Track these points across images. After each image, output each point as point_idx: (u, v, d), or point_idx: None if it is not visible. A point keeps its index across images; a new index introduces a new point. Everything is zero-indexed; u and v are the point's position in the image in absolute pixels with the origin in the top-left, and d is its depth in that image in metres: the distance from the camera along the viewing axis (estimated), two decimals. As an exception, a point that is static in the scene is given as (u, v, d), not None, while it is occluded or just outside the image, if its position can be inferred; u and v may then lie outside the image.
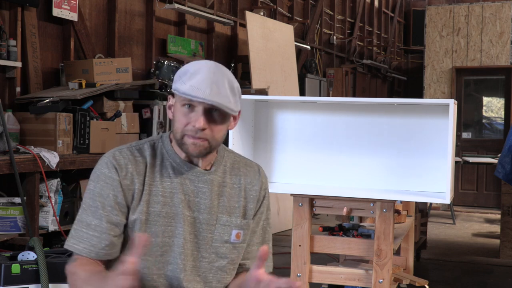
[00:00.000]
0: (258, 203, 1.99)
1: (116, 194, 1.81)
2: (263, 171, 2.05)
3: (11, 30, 4.81)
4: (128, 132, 5.22)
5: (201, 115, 1.77)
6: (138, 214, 1.82)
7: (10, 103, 4.79)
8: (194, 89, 1.75)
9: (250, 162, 2.03)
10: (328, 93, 9.82)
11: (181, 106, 1.80)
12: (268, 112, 3.63)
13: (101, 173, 1.83)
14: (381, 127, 3.46)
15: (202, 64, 1.82)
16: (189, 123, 1.78)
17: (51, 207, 4.44)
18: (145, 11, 6.44)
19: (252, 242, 1.99)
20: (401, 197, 3.32)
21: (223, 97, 1.77)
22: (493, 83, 10.64)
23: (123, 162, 1.83)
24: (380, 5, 12.54)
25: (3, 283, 2.80)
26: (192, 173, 1.87)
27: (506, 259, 5.83)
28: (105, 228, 1.80)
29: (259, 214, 1.99)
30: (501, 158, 5.25)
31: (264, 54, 7.27)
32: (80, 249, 1.81)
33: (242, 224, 1.93)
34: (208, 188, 1.88)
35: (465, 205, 9.84)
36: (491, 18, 10.13)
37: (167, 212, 1.84)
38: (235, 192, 1.94)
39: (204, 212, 1.87)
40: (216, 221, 1.88)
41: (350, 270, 3.35)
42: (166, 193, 1.85)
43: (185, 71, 1.81)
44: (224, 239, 1.89)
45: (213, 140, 1.82)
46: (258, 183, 1.99)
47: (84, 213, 1.83)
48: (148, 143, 1.90)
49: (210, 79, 1.77)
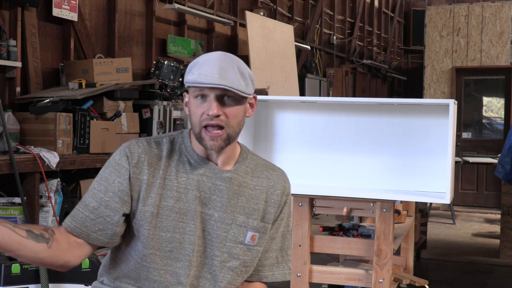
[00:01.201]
0: (279, 208, 1.95)
1: (121, 181, 1.80)
2: (287, 176, 2.02)
3: (11, 30, 4.81)
4: (128, 132, 5.22)
5: (214, 101, 1.77)
6: (150, 207, 1.80)
7: (10, 103, 4.79)
8: (202, 76, 1.76)
9: (274, 166, 2.01)
10: (328, 93, 9.82)
11: (194, 98, 1.80)
12: (268, 112, 3.63)
13: (113, 159, 1.84)
14: (381, 127, 3.46)
15: (211, 54, 1.83)
16: (203, 113, 1.78)
17: (51, 207, 4.44)
18: (145, 11, 6.44)
19: (270, 249, 1.96)
20: (401, 197, 3.32)
21: (233, 80, 1.77)
22: (493, 83, 10.64)
23: (136, 151, 1.83)
24: (380, 5, 12.54)
25: (3, 283, 2.80)
26: (210, 170, 1.85)
27: (506, 259, 5.83)
28: (101, 212, 1.79)
29: (279, 220, 1.96)
30: (501, 158, 5.25)
31: (264, 54, 7.27)
32: (72, 227, 1.80)
33: (259, 227, 1.89)
34: (225, 186, 1.86)
35: (465, 205, 9.83)
36: (491, 18, 10.13)
37: (180, 207, 1.82)
38: (256, 194, 1.91)
39: (220, 210, 1.84)
40: (232, 221, 1.86)
41: (350, 270, 3.35)
42: (181, 188, 1.83)
43: (195, 63, 1.82)
44: (239, 239, 1.86)
45: (229, 127, 1.80)
46: (281, 188, 1.96)
47: (87, 194, 1.83)
48: (168, 137, 1.90)
49: (219, 66, 1.78)
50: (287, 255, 2.01)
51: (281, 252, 1.99)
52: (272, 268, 1.98)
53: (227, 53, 1.85)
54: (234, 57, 1.85)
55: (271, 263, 1.97)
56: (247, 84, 1.82)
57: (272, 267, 1.98)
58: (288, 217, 2.00)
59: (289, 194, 1.99)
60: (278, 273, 1.99)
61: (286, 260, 2.01)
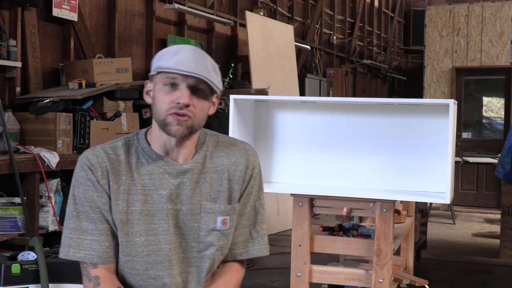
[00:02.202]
0: (244, 183, 1.90)
1: (100, 194, 1.79)
2: (251, 149, 1.95)
3: (11, 30, 4.81)
4: (128, 132, 5.22)
5: (186, 90, 1.74)
6: (119, 214, 1.79)
7: (10, 103, 4.79)
8: (179, 64, 1.73)
9: (236, 141, 1.95)
10: (328, 93, 9.82)
11: (163, 85, 1.76)
12: (268, 112, 3.62)
13: (79, 176, 1.81)
14: (381, 127, 3.46)
15: (181, 46, 1.81)
16: (172, 101, 1.74)
17: (51, 207, 4.44)
18: (145, 11, 6.44)
19: (240, 225, 1.92)
20: (401, 197, 3.32)
21: (208, 72, 1.76)
22: (493, 83, 10.64)
23: (96, 161, 1.80)
24: (380, 5, 12.54)
25: (3, 283, 2.80)
26: (170, 167, 1.83)
27: (506, 259, 5.83)
28: (102, 230, 1.79)
29: (246, 196, 1.91)
30: (501, 158, 5.24)
31: (264, 54, 7.27)
32: (82, 256, 1.79)
33: (227, 210, 1.86)
34: (188, 178, 1.83)
35: (465, 205, 9.83)
36: (491, 18, 10.13)
37: (148, 210, 1.80)
38: (218, 176, 1.87)
39: (186, 202, 1.82)
40: (200, 210, 1.83)
41: (350, 270, 3.35)
42: (146, 190, 1.81)
43: (166, 52, 1.79)
44: (210, 227, 1.84)
45: (196, 119, 1.78)
46: (244, 162, 1.90)
47: (77, 220, 1.80)
48: (123, 140, 1.87)
49: (193, 56, 1.76)
50: (262, 229, 1.96)
51: (255, 226, 1.94)
52: (246, 244, 1.93)
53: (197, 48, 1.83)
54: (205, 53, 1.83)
55: (244, 240, 1.93)
56: (218, 80, 1.80)
57: (246, 243, 1.93)
58: (259, 190, 1.95)
59: (254, 167, 1.93)
60: (253, 249, 1.94)
61: (262, 235, 1.96)
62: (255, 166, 1.94)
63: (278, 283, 4.76)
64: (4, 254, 2.99)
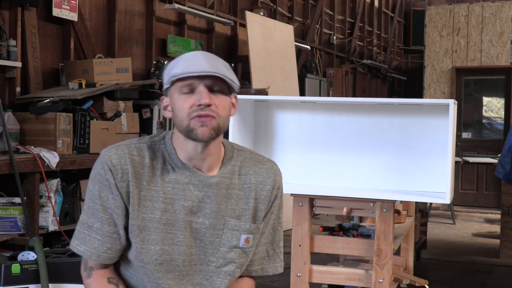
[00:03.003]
0: (269, 203, 1.89)
1: (114, 197, 1.76)
2: (277, 168, 1.94)
3: (11, 30, 4.81)
4: (128, 132, 5.22)
5: (204, 90, 1.71)
6: (136, 220, 1.77)
7: (10, 103, 4.79)
8: (191, 66, 1.71)
9: (263, 159, 1.93)
10: (328, 93, 9.82)
11: (180, 94, 1.73)
12: (268, 112, 3.62)
13: (98, 173, 1.78)
14: (381, 127, 3.46)
15: (190, 52, 1.80)
16: (192, 105, 1.70)
17: (51, 207, 4.44)
18: (145, 11, 6.44)
19: (260, 243, 1.91)
20: (401, 197, 3.32)
21: (222, 69, 1.74)
22: (493, 83, 10.64)
23: (118, 162, 1.76)
24: (380, 5, 12.54)
25: (3, 283, 2.80)
26: (195, 178, 1.79)
27: (506, 259, 5.83)
28: (107, 232, 1.78)
29: (269, 215, 1.91)
30: (501, 158, 5.24)
31: (264, 54, 7.27)
32: (82, 251, 1.80)
33: (252, 229, 1.85)
34: (213, 193, 1.80)
35: (465, 205, 9.83)
36: (491, 18, 10.13)
37: (167, 219, 1.77)
38: (244, 194, 1.85)
39: (210, 217, 1.80)
40: (224, 226, 1.81)
41: (350, 270, 3.35)
42: (167, 199, 1.78)
43: (177, 60, 1.77)
44: (233, 244, 1.82)
45: (220, 118, 1.73)
46: (271, 182, 1.89)
47: (86, 215, 1.80)
48: (149, 142, 1.82)
49: (206, 58, 1.74)
50: (278, 248, 1.96)
51: (272, 245, 1.94)
52: (262, 262, 1.93)
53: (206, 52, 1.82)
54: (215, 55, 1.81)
55: (261, 257, 1.93)
56: (232, 76, 1.78)
57: (262, 260, 1.93)
58: (279, 209, 1.95)
59: (280, 187, 1.93)
60: (268, 267, 1.94)
61: (278, 253, 1.96)
62: (280, 186, 1.93)
63: (278, 283, 4.76)
64: (4, 254, 2.99)
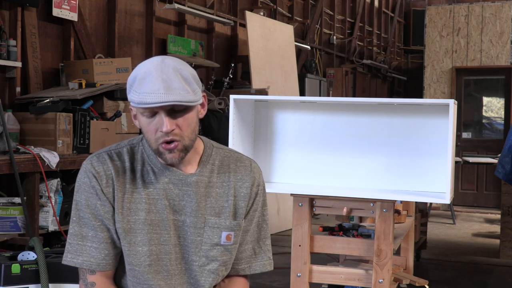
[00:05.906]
0: (250, 200, 1.91)
1: (103, 203, 1.79)
2: (256, 166, 1.96)
3: (11, 30, 4.81)
4: (128, 132, 5.22)
5: (164, 117, 1.71)
6: (121, 223, 1.79)
7: (10, 103, 4.79)
8: (147, 96, 1.68)
9: (241, 157, 1.95)
10: (328, 93, 9.82)
11: (142, 116, 1.74)
12: (268, 112, 3.62)
13: (83, 182, 1.81)
14: (381, 127, 3.46)
15: (147, 65, 1.73)
16: (157, 130, 1.73)
17: (51, 207, 4.44)
18: (145, 11, 6.44)
19: (245, 241, 1.93)
20: (401, 197, 3.32)
21: (179, 91, 1.69)
22: (493, 83, 10.64)
23: (101, 169, 1.80)
24: (380, 5, 12.54)
25: (3, 283, 2.80)
26: (175, 176, 1.82)
27: (506, 259, 5.83)
28: (102, 238, 1.79)
29: (252, 212, 1.92)
30: (501, 158, 5.24)
31: (264, 54, 7.27)
32: (80, 262, 1.80)
33: (232, 225, 1.87)
34: (193, 191, 1.83)
35: (465, 205, 9.83)
36: (491, 18, 10.13)
37: (152, 219, 1.80)
38: (224, 191, 1.87)
39: (190, 215, 1.82)
40: (204, 224, 1.83)
41: (350, 270, 3.35)
42: (150, 199, 1.80)
43: (134, 78, 1.73)
44: (214, 241, 1.84)
45: (184, 139, 1.75)
46: (250, 179, 1.91)
47: (77, 226, 1.81)
48: (128, 146, 1.86)
49: (160, 79, 1.69)
50: (265, 245, 1.97)
51: (258, 243, 1.96)
52: (249, 260, 1.94)
53: (164, 59, 1.75)
54: (172, 61, 1.76)
55: (248, 255, 1.94)
56: (193, 89, 1.73)
57: (250, 259, 1.94)
58: (263, 207, 1.96)
59: (260, 184, 1.94)
60: (255, 265, 1.95)
61: (265, 251, 1.97)
62: (260, 183, 1.95)
63: (278, 283, 4.76)
64: (4, 254, 2.99)
